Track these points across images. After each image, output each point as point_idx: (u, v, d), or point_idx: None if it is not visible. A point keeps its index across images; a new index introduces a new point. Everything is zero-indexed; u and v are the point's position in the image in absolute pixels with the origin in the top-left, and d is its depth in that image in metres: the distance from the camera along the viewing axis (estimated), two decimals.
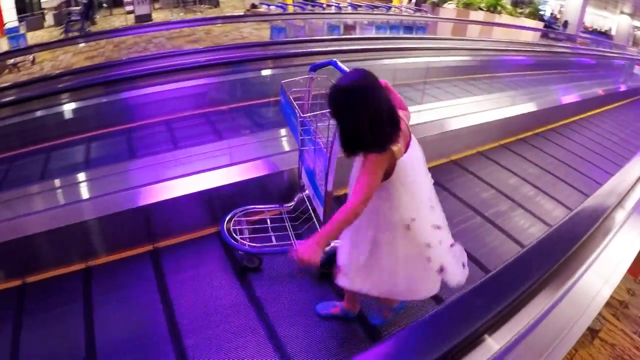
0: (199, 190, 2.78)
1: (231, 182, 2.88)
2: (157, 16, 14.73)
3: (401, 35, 13.24)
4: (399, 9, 18.46)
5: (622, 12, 24.03)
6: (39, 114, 4.31)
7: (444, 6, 21.26)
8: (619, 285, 2.02)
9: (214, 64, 4.63)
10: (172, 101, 4.78)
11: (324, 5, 15.65)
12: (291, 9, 14.51)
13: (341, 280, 1.86)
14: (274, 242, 2.54)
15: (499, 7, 20.88)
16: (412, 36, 12.65)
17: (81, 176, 3.00)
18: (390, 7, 18.05)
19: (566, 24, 21.27)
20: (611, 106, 7.64)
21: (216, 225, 2.77)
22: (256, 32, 11.75)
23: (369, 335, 2.13)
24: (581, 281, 1.80)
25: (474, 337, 1.39)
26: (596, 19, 26.27)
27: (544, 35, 17.83)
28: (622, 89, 8.42)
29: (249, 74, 5.29)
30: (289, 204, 2.85)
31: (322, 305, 2.23)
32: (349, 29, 12.95)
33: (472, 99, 5.53)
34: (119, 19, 14.41)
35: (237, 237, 2.54)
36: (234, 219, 2.70)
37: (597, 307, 1.80)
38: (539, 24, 21.15)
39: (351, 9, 15.76)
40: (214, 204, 2.85)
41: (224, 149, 3.24)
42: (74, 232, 2.50)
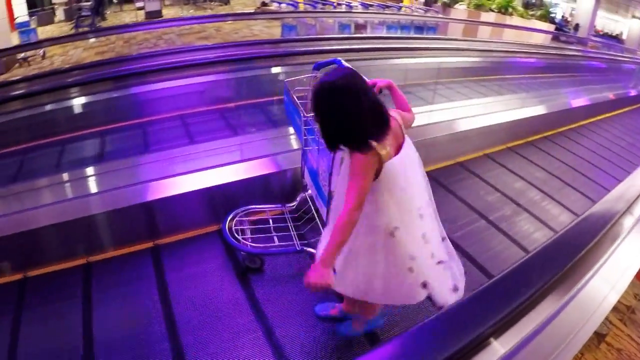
0: (200, 187, 2.77)
1: (234, 180, 2.87)
2: (168, 12, 14.83)
3: (412, 35, 13.17)
4: (409, 9, 18.42)
5: (634, 17, 23.79)
6: (48, 107, 4.32)
7: (455, 7, 21.15)
8: (626, 291, 1.99)
9: (222, 61, 4.65)
10: (178, 98, 4.79)
11: (335, 4, 15.64)
12: (302, 7, 14.52)
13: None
14: (277, 242, 2.52)
15: (510, 9, 20.76)
16: (423, 36, 12.61)
17: (87, 171, 3.03)
18: (401, 7, 18.02)
19: (577, 27, 21.04)
20: (621, 111, 7.55)
21: (217, 223, 2.77)
22: (267, 30, 11.77)
23: (367, 338, 2.11)
24: (588, 286, 1.77)
25: (479, 340, 1.37)
26: (607, 23, 26.00)
27: (555, 38, 17.71)
28: (632, 93, 8.31)
29: (257, 71, 5.28)
30: (292, 204, 2.83)
31: (321, 306, 2.21)
32: (360, 27, 12.92)
33: (481, 100, 5.49)
34: (129, 15, 14.51)
35: (238, 237, 2.53)
36: (236, 218, 2.68)
37: (604, 312, 1.78)
38: (550, 27, 21.01)
39: (362, 8, 15.75)
40: (215, 201, 2.84)
41: (227, 147, 3.24)
42: (78, 226, 2.51)
